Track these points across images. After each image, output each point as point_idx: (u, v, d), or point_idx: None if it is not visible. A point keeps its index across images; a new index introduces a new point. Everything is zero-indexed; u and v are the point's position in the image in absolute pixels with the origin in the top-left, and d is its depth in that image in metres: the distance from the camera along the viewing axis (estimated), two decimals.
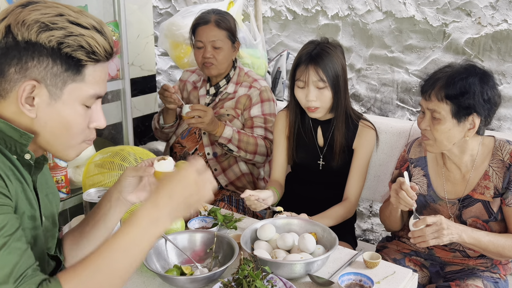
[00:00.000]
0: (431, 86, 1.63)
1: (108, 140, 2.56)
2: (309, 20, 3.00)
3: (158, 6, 3.66)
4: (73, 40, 0.99)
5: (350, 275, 1.40)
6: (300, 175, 2.18)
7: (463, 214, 1.74)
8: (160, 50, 3.64)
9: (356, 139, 2.03)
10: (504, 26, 2.39)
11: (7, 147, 1.03)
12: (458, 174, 1.76)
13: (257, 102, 2.34)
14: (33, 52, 0.97)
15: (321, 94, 1.90)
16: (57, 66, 0.99)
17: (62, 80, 1.01)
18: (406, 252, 1.90)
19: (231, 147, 2.23)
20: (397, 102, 2.81)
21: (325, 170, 2.08)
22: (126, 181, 1.24)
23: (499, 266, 1.79)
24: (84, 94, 1.04)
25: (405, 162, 1.89)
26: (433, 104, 1.62)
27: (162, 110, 2.44)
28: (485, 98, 1.59)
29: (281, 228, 1.64)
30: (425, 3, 2.57)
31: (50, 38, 0.97)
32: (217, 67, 2.31)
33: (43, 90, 1.00)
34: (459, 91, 1.58)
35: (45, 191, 1.19)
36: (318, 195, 2.11)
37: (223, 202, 2.26)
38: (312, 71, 1.87)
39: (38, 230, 1.10)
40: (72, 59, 1.00)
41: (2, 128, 1.01)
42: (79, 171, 2.10)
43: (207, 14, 2.32)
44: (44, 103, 1.01)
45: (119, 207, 1.25)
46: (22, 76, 0.99)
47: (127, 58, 2.27)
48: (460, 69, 1.64)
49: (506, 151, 1.68)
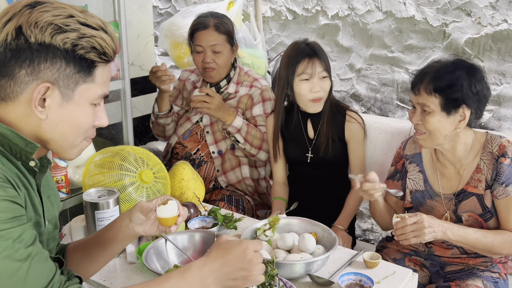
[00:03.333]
0: (420, 81, 1.67)
1: (108, 140, 2.56)
2: (309, 20, 3.00)
3: (158, 6, 3.66)
4: (86, 42, 0.99)
5: (350, 275, 1.40)
6: (291, 172, 2.27)
7: (458, 209, 1.75)
8: (160, 50, 3.63)
9: (346, 130, 2.12)
10: (504, 26, 2.39)
11: (12, 153, 1.02)
12: (452, 169, 1.77)
13: (258, 102, 2.34)
14: (47, 54, 0.97)
15: (323, 84, 2.04)
16: (70, 67, 1.00)
17: (74, 81, 1.01)
18: (406, 252, 1.90)
19: (239, 137, 2.23)
20: (397, 102, 2.81)
21: (313, 163, 2.14)
22: (136, 213, 1.24)
23: (499, 265, 1.79)
24: (93, 94, 1.05)
25: (401, 159, 1.91)
26: (423, 98, 1.65)
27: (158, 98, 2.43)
28: (474, 90, 1.62)
29: (281, 228, 1.64)
30: (425, 3, 2.57)
31: (65, 40, 0.97)
32: (218, 71, 2.31)
33: (56, 91, 1.00)
34: (447, 83, 1.62)
35: (47, 193, 1.19)
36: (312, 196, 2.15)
37: (223, 202, 2.26)
38: (317, 63, 2.01)
39: (42, 236, 1.10)
40: (86, 60, 1.01)
41: (8, 136, 1.00)
42: (79, 171, 2.09)
43: (205, 18, 2.31)
44: (56, 104, 1.01)
45: (127, 234, 1.25)
46: (34, 78, 0.98)
47: (127, 58, 2.27)
48: (447, 63, 1.68)
49: (496, 143, 1.70)
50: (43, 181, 1.17)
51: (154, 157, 1.85)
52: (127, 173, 1.71)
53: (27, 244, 0.92)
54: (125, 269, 1.49)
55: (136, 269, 1.50)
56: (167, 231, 1.26)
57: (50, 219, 1.18)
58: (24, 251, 0.91)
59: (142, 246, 1.54)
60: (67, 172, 1.98)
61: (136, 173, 1.72)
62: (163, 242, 1.48)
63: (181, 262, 1.47)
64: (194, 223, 1.72)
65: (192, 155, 2.40)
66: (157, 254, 1.45)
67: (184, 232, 1.56)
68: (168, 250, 1.48)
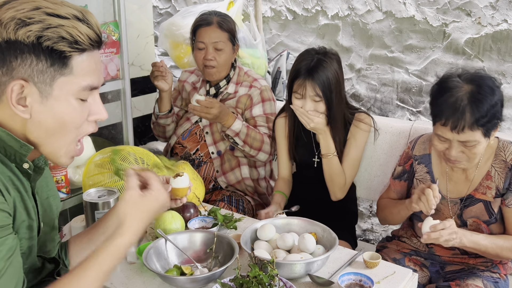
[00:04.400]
0: (462, 120, 1.55)
1: (108, 140, 2.56)
2: (309, 20, 3.00)
3: (158, 6, 3.66)
4: (52, 32, 0.94)
5: (350, 275, 1.40)
6: (298, 174, 2.23)
7: (463, 214, 1.75)
8: (160, 50, 3.63)
9: (350, 132, 2.09)
10: (504, 26, 2.39)
11: (6, 155, 1.01)
12: (462, 174, 1.76)
13: (258, 102, 2.34)
14: (15, 50, 0.94)
15: (317, 106, 1.97)
16: (42, 62, 0.96)
17: (50, 75, 0.97)
18: (406, 252, 1.90)
19: (237, 140, 2.23)
20: (397, 102, 2.81)
21: (320, 168, 2.10)
22: None
23: (499, 266, 1.79)
24: (75, 87, 1.00)
25: (409, 159, 1.89)
26: (466, 136, 1.57)
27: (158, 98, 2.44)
28: (500, 102, 1.59)
29: (281, 228, 1.64)
30: (425, 3, 2.57)
31: (28, 34, 0.93)
32: (218, 69, 2.31)
33: (33, 88, 0.97)
34: (486, 112, 1.55)
35: (45, 194, 1.18)
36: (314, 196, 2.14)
37: (223, 202, 2.26)
38: (309, 87, 1.93)
39: (34, 240, 1.09)
40: (55, 52, 0.96)
41: (3, 137, 0.99)
42: (79, 171, 2.10)
43: (209, 16, 2.31)
44: (36, 102, 0.98)
45: None
46: (10, 78, 0.95)
47: (127, 58, 2.27)
48: (473, 89, 1.58)
49: (509, 152, 1.69)
50: (42, 182, 1.16)
51: (154, 157, 1.85)
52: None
53: (3, 258, 0.93)
54: (125, 269, 1.49)
55: (136, 269, 1.50)
56: (177, 203, 1.32)
57: (47, 221, 1.17)
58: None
59: (142, 246, 1.54)
60: (67, 172, 1.98)
61: None
62: (163, 242, 1.48)
63: (181, 262, 1.47)
64: (194, 223, 1.72)
65: (192, 155, 2.40)
66: (157, 254, 1.45)
67: (184, 232, 1.56)
68: (168, 250, 1.48)
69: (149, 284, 1.41)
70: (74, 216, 1.70)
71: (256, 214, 2.32)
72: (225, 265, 1.35)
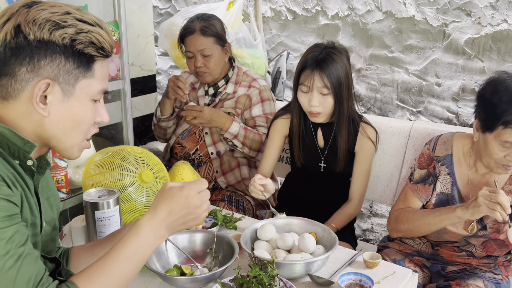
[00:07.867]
0: None
1: (108, 140, 2.56)
2: (309, 20, 3.00)
3: (158, 6, 3.66)
4: (84, 37, 1.01)
5: (350, 275, 1.40)
6: (301, 177, 2.19)
7: (484, 218, 1.71)
8: (160, 50, 3.63)
9: (357, 143, 2.03)
10: (504, 26, 2.39)
11: (10, 152, 1.03)
12: (484, 178, 1.73)
13: (257, 102, 2.34)
14: (46, 50, 0.99)
15: (324, 100, 1.90)
16: (69, 63, 1.01)
17: (74, 76, 1.03)
18: (408, 252, 1.90)
19: (236, 142, 2.23)
20: (397, 102, 2.81)
21: (327, 172, 2.08)
22: None
23: (501, 268, 1.79)
24: (94, 89, 1.07)
25: (432, 161, 1.81)
26: None
27: (160, 102, 2.44)
28: None
29: (281, 228, 1.64)
30: (425, 3, 2.57)
31: (64, 36, 0.99)
32: (211, 74, 2.32)
33: (57, 87, 1.02)
34: None
35: (46, 194, 1.19)
36: (319, 198, 2.11)
37: (223, 202, 2.26)
38: (317, 77, 1.86)
39: (38, 237, 1.10)
40: (84, 55, 1.03)
41: (6, 135, 1.01)
42: (79, 171, 2.09)
43: (192, 23, 2.31)
44: (57, 100, 1.03)
45: None
46: (35, 75, 1.00)
47: (127, 58, 2.27)
48: None
49: None
50: (43, 183, 1.17)
51: (154, 157, 1.85)
52: (127, 173, 1.70)
53: (19, 244, 0.93)
54: None
55: None
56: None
57: (49, 220, 1.17)
58: (15, 251, 0.92)
59: None
60: (67, 172, 1.98)
61: (136, 173, 1.72)
62: (163, 242, 1.48)
63: (181, 262, 1.47)
64: None
65: (191, 155, 2.40)
66: (157, 254, 1.45)
67: (184, 232, 1.56)
68: (168, 250, 1.48)
69: (149, 284, 1.41)
70: (74, 216, 1.70)
71: (256, 214, 2.33)
72: (225, 265, 1.35)
